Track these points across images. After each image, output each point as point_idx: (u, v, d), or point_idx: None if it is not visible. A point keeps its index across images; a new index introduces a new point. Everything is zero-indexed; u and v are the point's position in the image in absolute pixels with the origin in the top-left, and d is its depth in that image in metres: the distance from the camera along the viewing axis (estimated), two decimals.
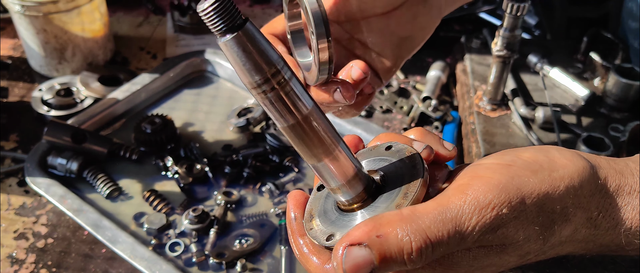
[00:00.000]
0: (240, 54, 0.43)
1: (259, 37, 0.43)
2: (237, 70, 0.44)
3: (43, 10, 1.32)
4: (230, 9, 0.41)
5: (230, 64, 0.44)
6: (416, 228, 0.45)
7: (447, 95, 1.42)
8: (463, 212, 0.46)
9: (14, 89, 1.42)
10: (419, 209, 0.47)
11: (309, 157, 0.50)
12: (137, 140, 1.23)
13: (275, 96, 0.45)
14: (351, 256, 0.44)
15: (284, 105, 0.45)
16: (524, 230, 0.47)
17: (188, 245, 1.05)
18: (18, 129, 1.31)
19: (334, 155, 0.50)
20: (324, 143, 0.49)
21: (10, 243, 1.07)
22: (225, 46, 0.43)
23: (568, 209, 0.48)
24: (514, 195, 0.47)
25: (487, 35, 1.45)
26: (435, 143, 0.56)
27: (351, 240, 0.45)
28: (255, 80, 0.44)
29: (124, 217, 1.11)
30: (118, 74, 1.43)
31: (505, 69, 1.19)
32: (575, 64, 1.37)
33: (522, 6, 1.08)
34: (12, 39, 1.59)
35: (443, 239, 0.45)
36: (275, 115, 0.47)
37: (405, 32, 0.72)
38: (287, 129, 0.48)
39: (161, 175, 1.19)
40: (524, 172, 0.48)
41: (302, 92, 0.46)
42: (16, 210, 1.13)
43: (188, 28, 1.61)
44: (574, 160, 0.50)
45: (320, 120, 0.48)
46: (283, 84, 0.45)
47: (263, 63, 0.43)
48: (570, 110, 1.26)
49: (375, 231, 0.45)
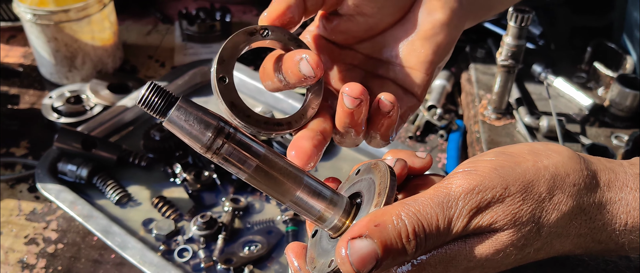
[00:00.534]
0: (186, 121, 0.48)
1: (195, 105, 0.48)
2: (188, 140, 0.49)
3: (54, 19, 1.35)
4: (163, 90, 0.48)
5: (181, 138, 0.49)
6: (408, 211, 0.48)
7: (452, 104, 1.44)
8: (449, 197, 0.49)
9: (25, 96, 1.44)
10: (410, 197, 0.49)
11: (282, 194, 0.52)
12: (145, 147, 1.25)
13: (229, 148, 0.49)
14: (355, 249, 0.46)
15: (240, 153, 0.49)
16: (513, 214, 0.48)
17: (196, 251, 1.06)
18: (29, 135, 1.33)
19: (304, 184, 0.52)
20: (291, 176, 0.52)
21: (21, 248, 1.09)
22: (170, 122, 0.48)
23: (556, 196, 0.49)
24: (498, 182, 0.49)
25: (492, 45, 1.46)
26: (407, 156, 0.58)
27: (352, 234, 0.47)
28: (206, 141, 0.48)
29: (133, 223, 1.12)
30: (127, 81, 1.45)
31: (509, 79, 1.20)
32: (579, 74, 1.38)
33: (527, 16, 1.10)
34: (23, 47, 1.61)
35: (432, 223, 0.48)
36: (236, 165, 0.50)
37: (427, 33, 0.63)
38: (253, 175, 0.51)
39: (169, 181, 1.20)
40: (509, 163, 0.50)
41: (251, 140, 0.51)
42: (27, 216, 1.15)
43: (196, 37, 1.63)
44: (559, 151, 0.52)
45: (277, 158, 0.52)
46: (232, 136, 0.49)
47: (208, 122, 0.48)
48: (575, 119, 1.27)
49: (372, 222, 0.47)
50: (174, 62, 1.58)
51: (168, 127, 0.48)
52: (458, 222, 0.48)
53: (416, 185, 0.57)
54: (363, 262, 0.46)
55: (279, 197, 0.52)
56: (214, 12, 1.68)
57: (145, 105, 0.48)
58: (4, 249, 1.09)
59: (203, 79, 1.47)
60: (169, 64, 1.58)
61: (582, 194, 0.50)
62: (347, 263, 0.46)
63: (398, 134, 1.34)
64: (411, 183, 0.58)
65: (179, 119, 0.47)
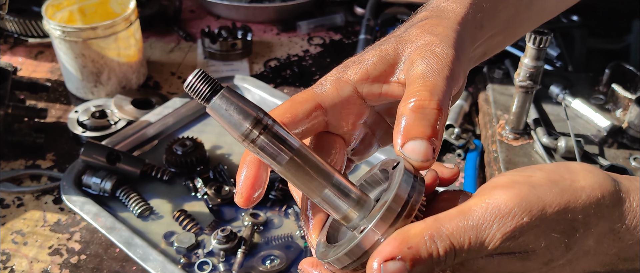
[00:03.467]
0: (227, 110, 0.50)
1: (237, 96, 0.50)
2: (228, 127, 0.50)
3: (82, 36, 1.39)
4: (209, 78, 0.50)
5: (221, 124, 0.51)
6: (440, 234, 0.48)
7: (470, 124, 1.45)
8: (484, 219, 0.48)
9: (52, 110, 1.48)
10: (441, 216, 0.49)
11: (312, 189, 0.54)
12: (168, 161, 1.27)
13: (266, 138, 0.51)
14: (388, 271, 0.47)
15: (276, 144, 0.51)
16: (545, 238, 0.49)
17: (216, 264, 1.08)
18: (55, 148, 1.37)
19: (334, 183, 0.54)
20: (322, 172, 0.53)
21: (45, 258, 1.11)
22: (212, 108, 0.50)
23: (590, 218, 0.50)
24: (535, 204, 0.48)
25: (509, 66, 1.48)
26: (436, 167, 0.59)
27: (385, 256, 0.48)
28: (244, 130, 0.50)
29: (154, 235, 1.14)
30: (150, 97, 1.49)
31: (527, 99, 1.22)
32: (597, 96, 1.38)
33: (545, 38, 1.11)
34: (51, 63, 1.66)
35: (464, 246, 0.48)
36: (271, 156, 0.52)
37: None
38: (286, 167, 0.52)
39: (191, 195, 1.23)
40: (545, 182, 0.50)
41: (287, 133, 0.52)
42: (51, 227, 1.18)
43: (217, 55, 1.67)
44: (595, 172, 0.52)
45: (311, 153, 0.53)
46: (270, 127, 0.51)
47: (247, 112, 0.50)
48: (593, 140, 1.27)
49: (405, 243, 0.48)
50: None
51: (210, 113, 0.50)
52: (490, 245, 0.48)
53: (445, 198, 0.57)
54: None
55: (308, 192, 0.54)
56: (236, 31, 1.72)
57: (192, 90, 0.50)
58: (29, 259, 1.11)
59: None
60: None
61: (614, 216, 0.50)
62: None
63: None
64: (440, 197, 0.59)
65: (220, 107, 0.49)
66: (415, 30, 0.60)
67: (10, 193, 1.24)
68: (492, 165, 1.25)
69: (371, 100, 0.60)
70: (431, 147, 0.52)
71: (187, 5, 1.96)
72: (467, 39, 0.62)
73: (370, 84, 0.58)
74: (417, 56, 0.56)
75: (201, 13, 1.94)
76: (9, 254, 1.12)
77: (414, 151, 0.52)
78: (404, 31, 0.62)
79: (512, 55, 1.64)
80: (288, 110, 0.57)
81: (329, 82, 0.59)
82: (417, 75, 0.55)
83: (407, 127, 0.52)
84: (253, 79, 1.51)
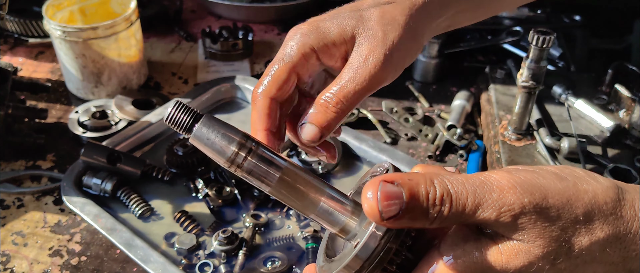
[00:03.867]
0: (210, 137, 0.50)
1: (219, 122, 0.51)
2: (213, 155, 0.51)
3: (83, 36, 1.39)
4: (188, 108, 0.50)
5: (206, 153, 0.51)
6: (440, 180, 0.49)
7: (472, 124, 1.44)
8: (484, 185, 0.49)
9: (52, 111, 1.47)
10: (442, 170, 0.52)
11: (305, 207, 0.53)
12: (168, 162, 1.27)
13: (253, 161, 0.51)
14: (386, 189, 0.48)
15: (262, 167, 0.51)
16: (543, 228, 0.48)
17: (217, 266, 1.07)
18: (55, 149, 1.36)
19: (327, 197, 0.53)
20: (313, 189, 0.53)
21: (46, 259, 1.11)
22: (195, 138, 0.50)
23: (591, 220, 0.49)
24: (538, 191, 0.49)
25: (512, 66, 1.47)
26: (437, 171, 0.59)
27: (385, 178, 0.48)
28: (230, 155, 0.50)
29: (155, 236, 1.14)
30: (151, 98, 1.48)
31: (530, 100, 1.21)
32: (600, 96, 1.38)
33: (548, 38, 1.10)
34: (51, 63, 1.66)
35: (461, 201, 0.48)
36: (260, 178, 0.51)
37: None
38: (276, 188, 0.52)
39: (191, 196, 1.22)
40: (550, 176, 0.51)
41: (273, 153, 0.52)
42: (51, 228, 1.17)
43: (219, 55, 1.66)
44: (598, 179, 0.52)
45: (300, 171, 0.53)
46: (254, 149, 0.51)
47: (231, 137, 0.50)
48: (596, 141, 1.26)
49: (406, 175, 0.49)
50: (197, 79, 1.61)
51: (193, 143, 0.51)
52: (486, 212, 0.48)
53: None
54: (389, 204, 0.47)
55: (302, 210, 0.53)
56: (237, 31, 1.71)
57: (172, 122, 0.51)
58: (29, 260, 1.11)
59: (225, 96, 1.50)
60: (192, 81, 1.61)
61: (618, 223, 0.50)
62: (374, 202, 0.47)
63: (417, 154, 1.35)
64: None
65: (203, 135, 0.50)
66: (376, 16, 0.70)
67: (11, 194, 1.24)
68: (494, 166, 1.24)
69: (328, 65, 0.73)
70: (320, 134, 0.66)
71: (188, 5, 1.96)
72: (426, 18, 0.73)
73: (329, 52, 0.70)
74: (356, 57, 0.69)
75: (202, 13, 1.93)
76: (9, 255, 1.11)
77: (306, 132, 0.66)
78: (367, 8, 0.72)
79: (514, 55, 1.64)
80: (273, 85, 0.68)
81: (295, 46, 0.69)
82: (343, 76, 0.68)
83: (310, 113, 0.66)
84: (254, 80, 1.51)
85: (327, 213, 0.53)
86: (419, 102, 1.52)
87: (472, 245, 0.51)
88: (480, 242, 0.51)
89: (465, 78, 1.59)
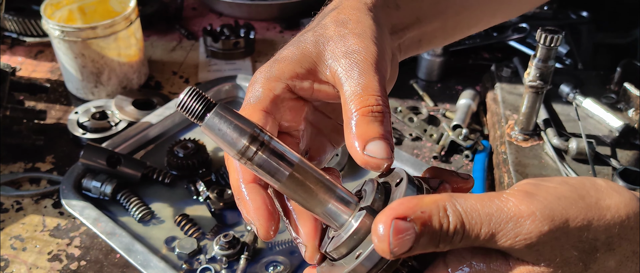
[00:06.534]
0: (222, 128, 0.48)
1: (232, 112, 0.49)
2: (224, 145, 0.49)
3: (82, 36, 1.36)
4: (202, 95, 0.49)
5: (216, 142, 0.49)
6: (454, 209, 0.46)
7: (478, 124, 1.42)
8: (502, 212, 0.46)
9: (51, 112, 1.46)
10: (456, 194, 0.48)
11: (314, 205, 0.51)
12: (169, 164, 1.25)
13: (264, 155, 0.49)
14: (399, 228, 0.45)
15: (275, 160, 0.49)
16: (562, 253, 0.47)
17: (218, 270, 1.06)
18: (54, 150, 1.34)
19: (336, 196, 0.51)
20: (323, 186, 0.51)
21: (45, 264, 1.09)
22: (207, 126, 0.49)
23: (613, 239, 0.47)
24: (559, 214, 0.46)
25: (518, 64, 1.44)
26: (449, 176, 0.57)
27: (397, 213, 0.45)
28: (241, 147, 0.48)
29: (155, 240, 1.12)
30: (152, 98, 1.46)
31: (537, 99, 1.18)
32: (609, 95, 1.35)
33: (556, 37, 1.08)
34: (50, 63, 1.64)
35: (474, 230, 0.46)
36: (270, 173, 0.50)
37: None
38: (286, 183, 0.50)
39: (192, 199, 1.20)
40: (571, 194, 0.48)
41: (285, 147, 0.50)
42: (51, 232, 1.16)
43: (220, 53, 1.64)
44: (620, 191, 0.50)
45: (311, 168, 0.51)
46: (267, 143, 0.49)
47: (243, 129, 0.48)
48: (604, 141, 1.24)
49: (419, 207, 0.46)
50: (198, 78, 1.59)
51: (205, 132, 0.49)
52: (501, 241, 0.46)
53: None
54: (400, 239, 0.45)
55: (310, 207, 0.51)
56: (238, 29, 1.69)
57: (184, 109, 0.49)
58: (28, 265, 1.09)
59: (226, 95, 1.48)
60: (193, 80, 1.58)
61: (637, 237, 0.48)
62: (386, 241, 0.45)
63: (422, 154, 1.33)
64: None
65: (215, 125, 0.48)
66: (332, 26, 0.60)
67: (9, 197, 1.22)
68: (501, 167, 1.21)
69: (305, 96, 0.61)
70: (388, 145, 0.53)
71: (189, 2, 1.93)
72: (383, 21, 0.63)
73: (300, 81, 0.59)
74: (342, 56, 0.57)
75: (203, 10, 1.91)
76: (7, 260, 1.10)
77: (375, 152, 0.53)
78: (317, 24, 0.63)
79: (520, 53, 1.61)
80: None
81: (259, 86, 0.58)
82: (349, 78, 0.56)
83: (360, 132, 0.53)
84: None
85: (334, 214, 0.51)
86: (423, 101, 1.50)
87: (480, 259, 0.49)
88: (489, 258, 0.49)
89: (471, 76, 1.56)
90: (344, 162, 1.26)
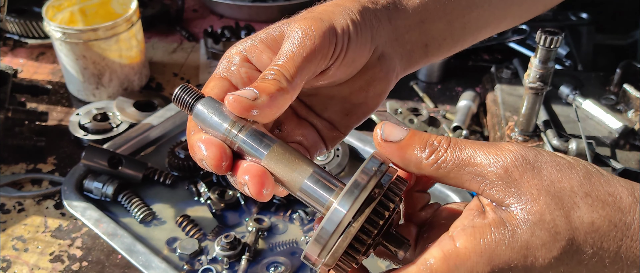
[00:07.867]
0: (208, 113, 0.56)
1: (218, 102, 0.57)
2: (210, 129, 0.56)
3: (83, 38, 1.37)
4: (193, 90, 0.57)
5: (204, 128, 0.57)
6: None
7: (478, 125, 1.42)
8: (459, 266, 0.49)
9: (53, 113, 1.46)
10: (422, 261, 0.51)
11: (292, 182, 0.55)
12: (170, 165, 1.25)
13: (246, 135, 0.55)
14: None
15: (256, 139, 0.56)
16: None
17: (220, 271, 1.06)
18: (56, 152, 1.35)
19: (313, 174, 0.55)
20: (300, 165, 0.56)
21: (46, 265, 1.10)
22: (196, 114, 0.56)
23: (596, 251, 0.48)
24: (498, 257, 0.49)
25: (518, 65, 1.45)
26: None
27: None
28: (225, 128, 0.56)
29: (156, 241, 1.12)
30: (153, 99, 1.46)
31: (537, 101, 1.19)
32: (608, 96, 1.35)
33: (556, 39, 1.08)
34: (52, 64, 1.64)
35: None
36: (253, 149, 0.55)
37: (358, 99, 0.67)
38: (268, 159, 0.55)
39: (194, 200, 1.20)
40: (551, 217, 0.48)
41: (265, 132, 0.57)
42: (52, 233, 1.16)
43: (220, 55, 1.64)
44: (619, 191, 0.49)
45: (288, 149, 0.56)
46: (247, 126, 0.56)
47: (226, 115, 0.56)
48: (604, 142, 1.24)
49: None
50: (199, 79, 1.59)
51: (194, 119, 0.57)
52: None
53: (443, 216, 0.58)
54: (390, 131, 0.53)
55: (289, 186, 0.56)
56: (239, 31, 1.69)
57: (178, 100, 0.57)
58: (30, 266, 1.09)
59: None
60: (194, 82, 1.59)
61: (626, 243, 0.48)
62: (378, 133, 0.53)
63: None
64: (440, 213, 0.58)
65: (202, 111, 0.56)
66: (302, 15, 0.65)
67: (11, 198, 1.22)
68: None
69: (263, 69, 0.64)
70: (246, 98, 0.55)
71: (190, 4, 1.94)
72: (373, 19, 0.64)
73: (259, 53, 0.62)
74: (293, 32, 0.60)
75: (204, 12, 1.91)
76: (9, 261, 1.10)
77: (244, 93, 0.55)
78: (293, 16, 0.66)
79: (520, 54, 1.62)
80: None
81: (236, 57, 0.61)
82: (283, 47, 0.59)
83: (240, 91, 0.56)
84: None
85: (312, 191, 0.55)
86: (423, 103, 1.50)
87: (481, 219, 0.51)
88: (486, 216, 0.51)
89: (471, 77, 1.57)
90: (345, 163, 1.26)
